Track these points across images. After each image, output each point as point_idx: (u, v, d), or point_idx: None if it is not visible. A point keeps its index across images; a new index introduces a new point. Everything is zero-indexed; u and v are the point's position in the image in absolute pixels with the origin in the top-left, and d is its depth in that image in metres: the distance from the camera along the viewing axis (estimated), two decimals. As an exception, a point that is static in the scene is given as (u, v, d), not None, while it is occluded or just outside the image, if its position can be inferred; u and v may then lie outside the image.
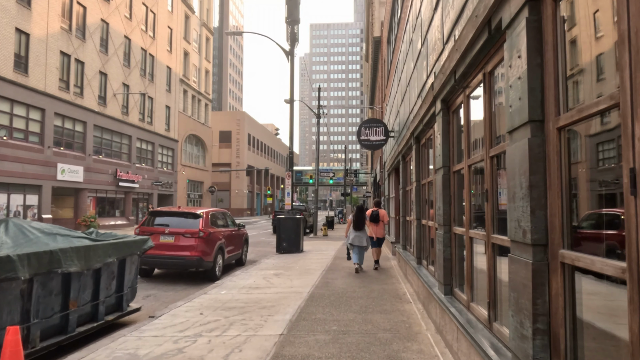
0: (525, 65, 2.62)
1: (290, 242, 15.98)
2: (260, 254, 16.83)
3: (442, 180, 5.41)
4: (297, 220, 16.03)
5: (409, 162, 10.46)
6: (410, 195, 10.32)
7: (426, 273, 7.22)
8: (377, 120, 13.66)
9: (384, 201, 21.63)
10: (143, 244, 7.16)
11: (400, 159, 11.60)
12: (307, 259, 14.02)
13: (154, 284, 10.31)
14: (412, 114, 8.38)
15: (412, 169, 8.96)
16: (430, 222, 7.16)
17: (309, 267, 12.06)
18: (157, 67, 39.87)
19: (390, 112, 15.60)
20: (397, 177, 14.69)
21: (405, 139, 9.45)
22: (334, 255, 15.24)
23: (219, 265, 11.08)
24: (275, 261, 13.64)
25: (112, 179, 32.77)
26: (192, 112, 48.62)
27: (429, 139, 7.35)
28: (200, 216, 10.67)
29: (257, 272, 11.39)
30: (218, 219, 11.78)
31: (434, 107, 5.97)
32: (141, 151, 37.47)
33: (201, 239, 10.35)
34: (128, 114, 34.99)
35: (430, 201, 7.30)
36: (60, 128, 27.54)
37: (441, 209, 5.43)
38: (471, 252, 4.52)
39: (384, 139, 13.45)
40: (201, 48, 51.09)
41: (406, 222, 10.98)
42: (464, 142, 4.70)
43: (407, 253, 10.32)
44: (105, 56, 31.97)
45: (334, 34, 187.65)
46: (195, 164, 49.82)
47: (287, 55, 16.85)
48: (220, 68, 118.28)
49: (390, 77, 16.27)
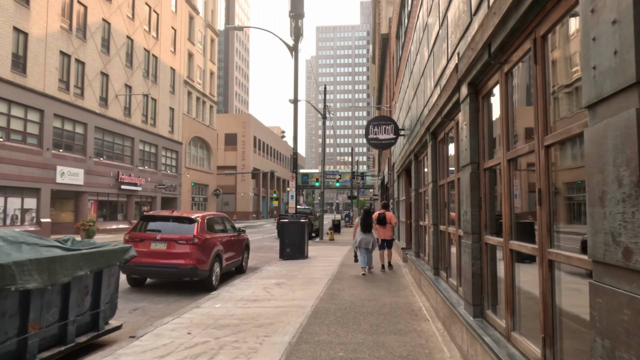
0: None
1: (294, 247, 15.10)
2: (262, 260, 15.97)
3: (469, 180, 4.51)
4: (302, 225, 15.16)
5: (422, 162, 9.56)
6: (423, 197, 9.41)
7: (446, 287, 6.31)
8: (387, 117, 12.78)
9: (393, 204, 20.72)
10: (123, 254, 6.31)
11: (412, 159, 10.70)
12: (312, 266, 13.14)
13: (145, 295, 9.47)
14: (428, 107, 7.49)
15: (426, 169, 8.05)
16: (451, 228, 6.25)
17: (313, 276, 11.17)
18: (161, 68, 39.25)
19: (400, 110, 14.71)
20: (407, 179, 13.77)
21: (419, 135, 8.56)
22: (340, 261, 14.34)
23: (216, 273, 10.23)
24: (277, 268, 12.77)
25: (113, 182, 32.10)
26: (197, 114, 47.97)
27: (449, 134, 6.45)
28: (195, 221, 9.83)
29: (257, 281, 10.51)
30: (215, 223, 10.93)
31: (457, 94, 5.08)
32: (144, 154, 36.79)
33: (196, 245, 9.49)
34: (130, 116, 34.34)
35: (450, 204, 6.40)
36: (60, 130, 26.89)
37: (468, 214, 4.53)
38: (512, 269, 3.63)
39: (393, 138, 12.56)
40: (206, 49, 50.47)
41: (419, 228, 10.07)
42: (501, 132, 3.80)
43: (421, 261, 9.40)
44: (107, 57, 31.35)
45: (340, 36, 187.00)
46: (200, 167, 49.13)
47: (291, 51, 16.02)
48: (227, 71, 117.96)
49: (400, 74, 15.39)
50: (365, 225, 11.64)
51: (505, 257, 3.72)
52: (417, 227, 10.17)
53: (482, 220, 4.42)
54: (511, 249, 3.60)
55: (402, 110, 13.62)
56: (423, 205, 9.45)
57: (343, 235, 29.79)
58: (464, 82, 4.68)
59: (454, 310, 5.00)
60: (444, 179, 6.83)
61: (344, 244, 22.33)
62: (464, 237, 4.76)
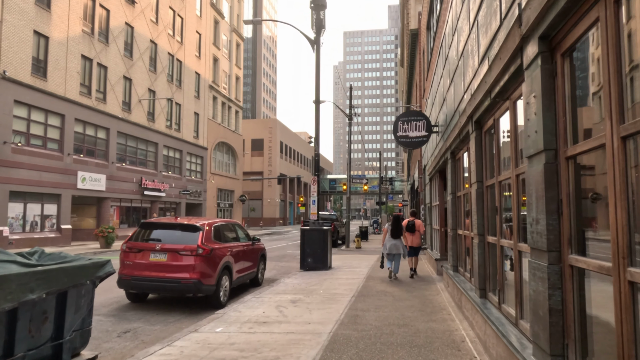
0: None
1: (316, 257, 13.83)
2: (282, 270, 14.76)
3: (542, 174, 3.16)
4: (324, 233, 13.88)
5: (461, 160, 8.15)
6: (463, 202, 8.00)
7: (499, 317, 4.91)
8: (418, 112, 11.39)
9: (424, 210, 19.24)
10: (96, 270, 5.18)
11: (447, 158, 9.29)
12: (335, 279, 11.83)
13: (143, 313, 8.37)
14: (470, 92, 6.13)
15: (469, 166, 6.65)
16: (506, 240, 4.86)
17: (335, 291, 9.86)
18: (185, 73, 38.80)
19: (432, 106, 13.30)
20: (442, 181, 12.33)
21: (458, 128, 7.18)
22: (366, 274, 12.97)
23: (225, 288, 9.05)
24: (296, 281, 11.52)
25: (137, 187, 31.59)
26: (222, 119, 47.44)
27: (499, 120, 5.09)
28: (200, 229, 8.68)
29: (271, 297, 9.28)
30: (225, 231, 9.77)
31: (518, 60, 3.74)
32: (168, 159, 36.29)
33: (200, 257, 8.34)
34: (154, 121, 33.88)
35: (505, 210, 5.01)
36: (81, 135, 26.48)
37: (541, 223, 3.18)
38: (633, 309, 2.26)
39: (425, 135, 11.16)
40: (231, 54, 50.00)
41: (458, 237, 8.64)
42: (604, 103, 2.44)
43: (461, 277, 7.97)
44: (130, 61, 30.96)
45: (368, 41, 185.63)
46: (225, 172, 48.53)
47: (312, 44, 14.83)
48: (254, 77, 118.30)
49: (432, 66, 14.01)
50: (395, 232, 11.92)
51: (616, 291, 2.35)
52: (454, 237, 8.75)
53: (564, 232, 3.06)
54: (632, 281, 2.24)
55: (435, 106, 12.21)
56: (462, 211, 8.04)
57: (371, 243, 28.33)
58: (531, 37, 3.33)
59: (517, 356, 3.62)
60: (493, 177, 5.45)
61: (372, 252, 20.92)
62: (534, 255, 3.39)
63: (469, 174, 7.06)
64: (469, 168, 7.18)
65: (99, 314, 8.19)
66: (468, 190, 7.15)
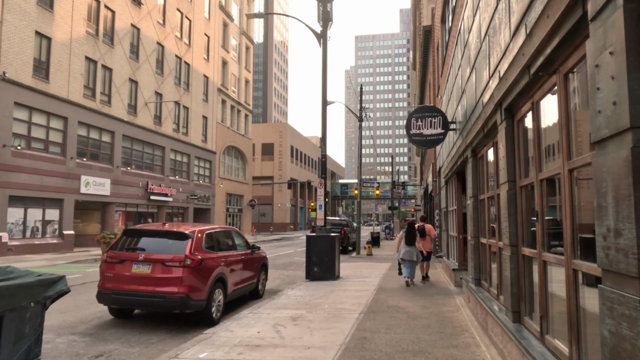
0: None
1: (322, 266, 12.84)
2: (287, 280, 13.79)
3: (627, 165, 2.15)
4: (332, 240, 12.88)
5: (484, 158, 7.11)
6: (487, 206, 6.96)
7: (543, 351, 3.87)
8: (433, 108, 10.36)
9: (438, 215, 18.16)
10: (45, 290, 4.28)
11: (467, 156, 8.26)
12: (342, 291, 10.81)
13: (125, 331, 7.44)
14: (499, 74, 5.12)
15: (498, 165, 5.60)
16: (551, 255, 3.83)
17: (341, 306, 8.86)
18: (193, 76, 38.18)
19: (448, 102, 12.27)
20: (460, 184, 11.28)
21: (482, 120, 6.16)
22: (377, 284, 11.94)
23: (218, 303, 8.10)
24: (300, 293, 10.54)
25: (142, 192, 30.91)
26: (232, 123, 46.75)
27: (538, 103, 4.08)
28: (189, 237, 7.75)
29: (269, 312, 8.31)
30: (219, 239, 8.84)
31: (579, 8, 2.73)
32: (175, 163, 35.61)
33: (189, 268, 7.40)
34: (161, 124, 33.24)
35: (549, 215, 3.99)
36: (85, 138, 25.86)
37: (628, 236, 2.16)
38: None
39: (441, 133, 10.12)
40: (241, 57, 49.38)
41: (480, 246, 7.58)
42: None
43: (485, 294, 6.90)
44: (136, 63, 30.37)
45: (379, 45, 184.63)
46: (234, 177, 47.78)
47: (319, 38, 13.90)
48: (265, 82, 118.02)
49: (447, 61, 13.00)
50: (409, 238, 11.97)
51: None
52: (476, 246, 7.69)
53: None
54: None
55: (452, 102, 11.18)
56: (486, 217, 6.99)
57: (383, 250, 27.22)
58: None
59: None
60: (530, 175, 4.42)
61: (383, 259, 19.86)
62: (611, 281, 2.37)
63: (496, 174, 6.04)
64: (495, 166, 6.15)
65: (74, 332, 7.29)
66: (495, 192, 6.12)
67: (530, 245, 4.48)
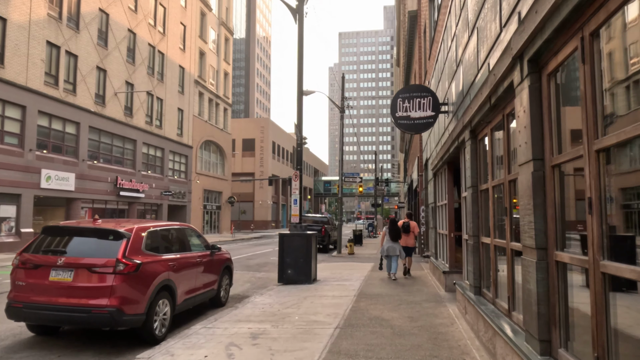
0: None
1: (297, 268, 11.43)
2: (258, 283, 12.35)
3: None
4: (308, 239, 11.48)
5: (489, 139, 5.76)
6: (490, 197, 5.62)
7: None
8: (422, 87, 9.01)
9: (424, 212, 16.92)
10: None
11: (464, 140, 6.92)
12: (318, 297, 9.43)
13: (42, 354, 5.93)
14: (517, 19, 3.77)
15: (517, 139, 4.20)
16: (628, 267, 2.48)
17: (314, 318, 7.46)
18: (168, 66, 36.35)
19: (438, 84, 10.96)
20: (451, 175, 9.96)
21: (488, 88, 4.81)
22: (358, 288, 10.58)
23: (163, 317, 6.63)
24: (269, 300, 9.12)
25: (112, 187, 29.07)
26: (209, 116, 44.97)
27: (593, 40, 2.72)
28: (124, 236, 6.26)
29: (227, 327, 6.87)
30: (168, 239, 7.37)
31: None
32: (148, 157, 33.79)
33: (122, 275, 5.93)
34: (132, 116, 31.39)
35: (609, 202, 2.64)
36: (47, 129, 23.96)
37: None
38: None
39: (432, 116, 8.79)
40: (220, 48, 47.58)
41: (482, 247, 6.24)
42: None
43: (490, 307, 5.56)
44: (105, 50, 28.49)
45: (363, 42, 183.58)
46: (212, 173, 46.02)
47: (294, 14, 12.47)
48: (247, 78, 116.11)
49: (437, 40, 11.70)
50: (392, 234, 12.47)
51: None
52: (475, 246, 6.36)
53: None
54: None
55: (443, 81, 9.87)
56: (490, 211, 5.65)
57: (365, 248, 25.91)
58: None
59: None
60: (571, 152, 3.07)
61: (366, 259, 18.54)
62: None
63: (507, 154, 4.70)
64: (506, 145, 4.81)
65: (-27, 357, 5.76)
66: (505, 178, 4.78)
67: (575, 250, 3.13)
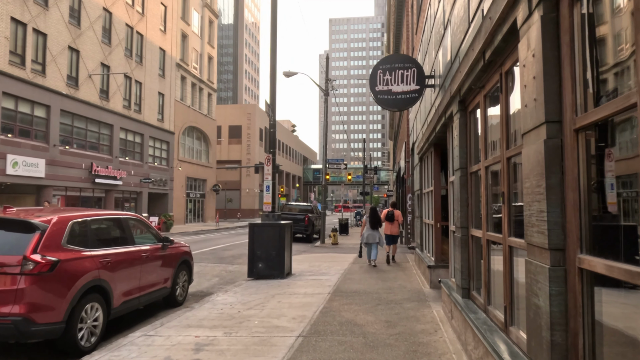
0: None
1: (269, 262, 10.37)
2: (228, 277, 11.28)
3: None
4: (281, 229, 10.40)
5: (481, 107, 4.69)
6: (483, 181, 4.56)
7: None
8: (405, 57, 7.91)
9: (411, 200, 15.94)
10: None
11: (452, 114, 5.84)
12: (288, 295, 8.38)
13: None
14: None
15: (523, 97, 3.09)
16: None
17: (277, 322, 6.40)
18: (148, 48, 34.79)
19: (425, 55, 9.85)
20: (438, 158, 8.90)
21: (483, 37, 3.72)
22: (335, 284, 9.55)
23: (92, 324, 5.54)
24: (232, 299, 8.05)
25: (86, 174, 27.70)
26: (193, 101, 43.48)
27: None
28: (37, 228, 5.13)
29: (170, 334, 5.79)
30: (101, 231, 6.25)
31: None
32: (126, 143, 32.40)
33: (32, 276, 4.82)
34: (109, 100, 29.93)
35: None
36: (13, 112, 22.51)
37: None
38: None
39: (416, 90, 7.70)
40: (203, 31, 45.93)
41: (472, 241, 5.20)
42: None
43: (481, 314, 4.52)
44: (77, 30, 26.92)
45: (354, 29, 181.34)
46: (196, 160, 44.67)
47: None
48: (236, 64, 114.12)
49: (424, 8, 10.58)
50: (373, 222, 12.77)
51: None
52: (464, 240, 5.32)
53: None
54: None
55: (430, 52, 8.77)
56: (483, 198, 4.59)
57: (351, 238, 24.92)
58: None
59: None
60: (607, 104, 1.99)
61: (350, 249, 17.54)
62: None
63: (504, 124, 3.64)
64: (504, 113, 3.74)
65: None
66: (503, 155, 3.72)
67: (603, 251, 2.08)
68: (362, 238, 12.92)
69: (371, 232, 12.61)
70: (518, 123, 3.28)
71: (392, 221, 13.20)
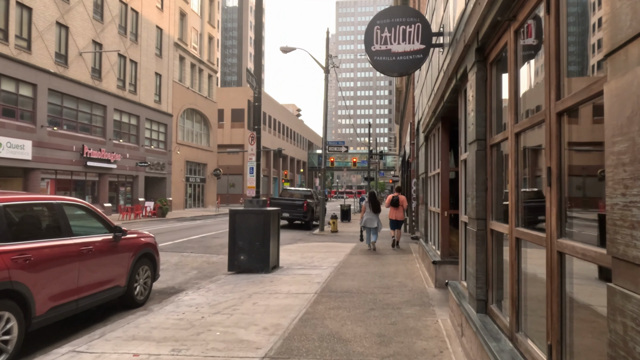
0: None
1: (252, 254, 9.12)
2: (207, 270, 10.05)
3: None
4: (266, 217, 9.12)
5: (510, 51, 3.33)
6: (512, 158, 3.22)
7: None
8: (407, 9, 6.52)
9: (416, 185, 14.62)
10: None
11: (468, 68, 4.47)
12: (267, 295, 7.12)
13: None
14: None
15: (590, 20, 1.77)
16: None
17: (242, 335, 5.14)
18: (143, 26, 33.34)
19: (433, 13, 8.41)
20: (446, 134, 7.51)
21: None
22: (326, 280, 8.28)
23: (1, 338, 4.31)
24: (201, 299, 6.82)
25: (78, 157, 26.56)
26: (192, 83, 42.08)
27: None
28: None
29: (104, 351, 4.56)
30: (21, 220, 5.00)
31: None
32: (121, 125, 31.17)
33: None
34: (101, 79, 28.63)
35: None
36: (-5, 90, 21.31)
37: None
38: None
39: (421, 50, 6.32)
40: (203, 10, 44.32)
41: (491, 238, 3.89)
42: None
43: (503, 340, 3.23)
44: (66, 4, 25.52)
45: (361, 12, 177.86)
46: (196, 144, 43.43)
47: None
48: (240, 47, 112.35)
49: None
50: (372, 207, 12.80)
51: None
52: (481, 237, 4.00)
53: None
54: None
55: (438, 6, 7.34)
56: (512, 179, 3.25)
57: (352, 225, 23.66)
58: None
59: None
60: None
61: (349, 238, 16.28)
62: None
63: (557, 63, 2.27)
64: (554, 42, 2.37)
65: None
66: (545, 113, 2.38)
67: None
68: (362, 222, 13.10)
69: (371, 216, 12.75)
70: (583, 54, 1.93)
71: (397, 206, 13.24)
